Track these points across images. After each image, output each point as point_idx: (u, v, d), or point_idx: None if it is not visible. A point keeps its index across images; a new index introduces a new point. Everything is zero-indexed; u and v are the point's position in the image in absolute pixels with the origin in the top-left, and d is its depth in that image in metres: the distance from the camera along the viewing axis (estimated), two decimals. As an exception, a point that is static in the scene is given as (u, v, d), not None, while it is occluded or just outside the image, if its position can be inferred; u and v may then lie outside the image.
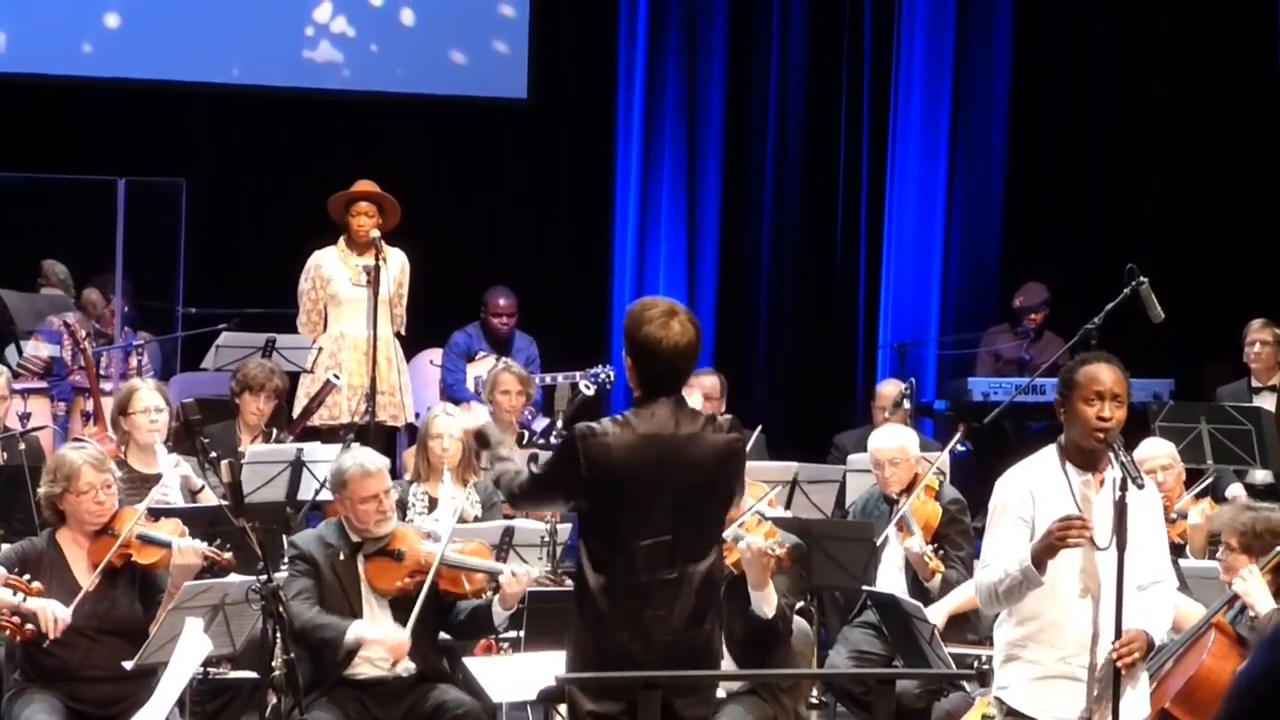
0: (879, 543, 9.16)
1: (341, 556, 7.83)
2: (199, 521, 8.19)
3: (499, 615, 7.86)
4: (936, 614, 8.49)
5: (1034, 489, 6.17)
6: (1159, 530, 6.34)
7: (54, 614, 7.34)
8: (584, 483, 6.05)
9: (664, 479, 6.05)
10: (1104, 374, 6.16)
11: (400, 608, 7.80)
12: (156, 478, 9.01)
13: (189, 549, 7.54)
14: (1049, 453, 6.25)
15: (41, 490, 7.69)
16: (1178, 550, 8.40)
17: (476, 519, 9.37)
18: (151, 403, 9.13)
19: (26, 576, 7.41)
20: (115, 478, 7.73)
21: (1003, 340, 14.04)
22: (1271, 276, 14.06)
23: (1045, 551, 6.03)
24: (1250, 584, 7.06)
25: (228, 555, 7.62)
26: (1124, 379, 6.19)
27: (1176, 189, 15.11)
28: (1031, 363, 13.60)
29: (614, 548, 6.04)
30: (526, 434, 11.12)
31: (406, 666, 7.81)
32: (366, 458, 7.98)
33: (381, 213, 11.57)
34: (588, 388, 11.27)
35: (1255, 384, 11.80)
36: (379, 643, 7.70)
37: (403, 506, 9.43)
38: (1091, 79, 15.32)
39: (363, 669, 7.77)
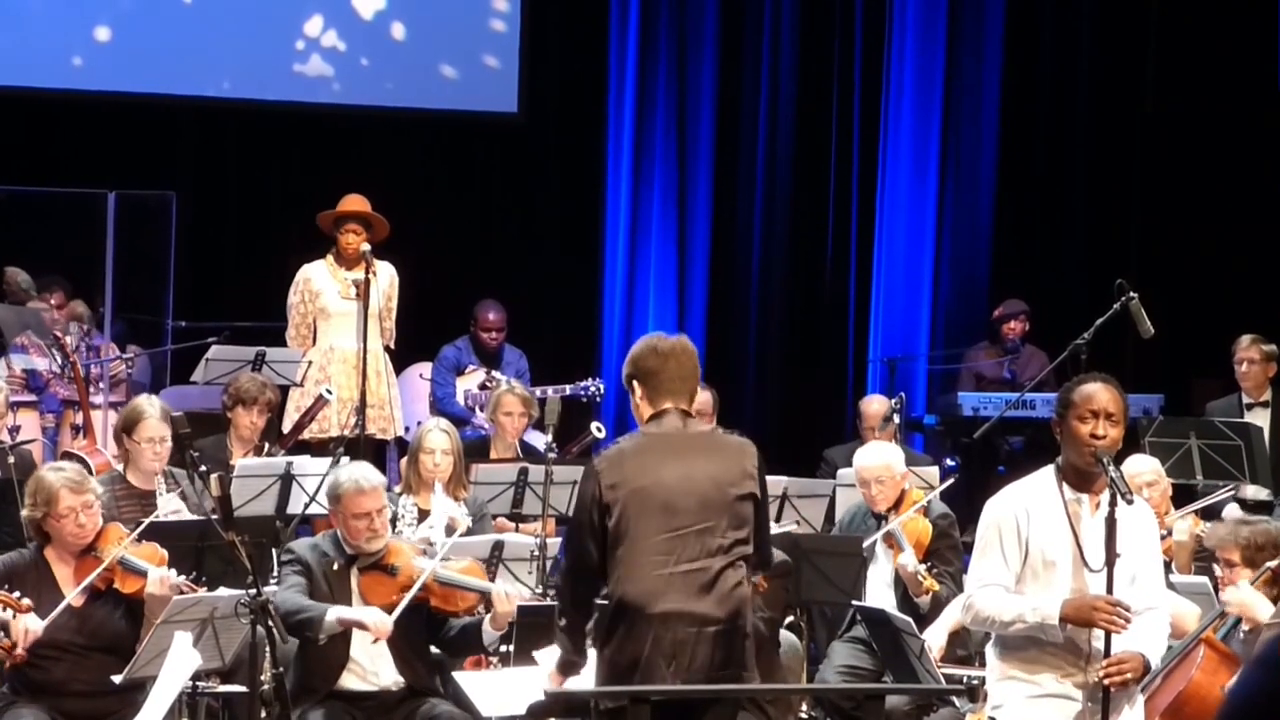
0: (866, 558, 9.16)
1: (335, 567, 7.81)
2: (189, 535, 8.18)
3: (489, 635, 7.85)
4: (936, 634, 8.48)
5: (1029, 508, 6.15)
6: (1154, 550, 6.32)
7: (25, 626, 7.34)
8: (608, 491, 6.12)
9: (684, 475, 6.13)
10: (1100, 393, 6.14)
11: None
12: (154, 495, 8.99)
13: (163, 580, 7.51)
14: (1046, 473, 6.24)
15: (24, 513, 7.69)
16: (1164, 567, 8.41)
17: (469, 530, 9.38)
18: (157, 433, 8.94)
19: (17, 594, 7.41)
20: (97, 495, 7.67)
21: (983, 358, 14.05)
22: (1261, 292, 14.08)
23: (1078, 622, 6.03)
24: (1244, 595, 7.06)
25: (202, 589, 7.59)
26: (1121, 399, 6.17)
27: (1165, 206, 15.15)
28: (1015, 379, 13.61)
29: (638, 544, 6.10)
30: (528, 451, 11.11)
31: (396, 681, 7.81)
32: (363, 474, 7.88)
33: (369, 228, 11.55)
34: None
35: (1247, 400, 11.81)
36: (359, 621, 7.66)
37: (392, 518, 9.42)
38: (1080, 97, 15.36)
39: (351, 682, 7.76)
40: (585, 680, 6.31)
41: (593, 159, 15.08)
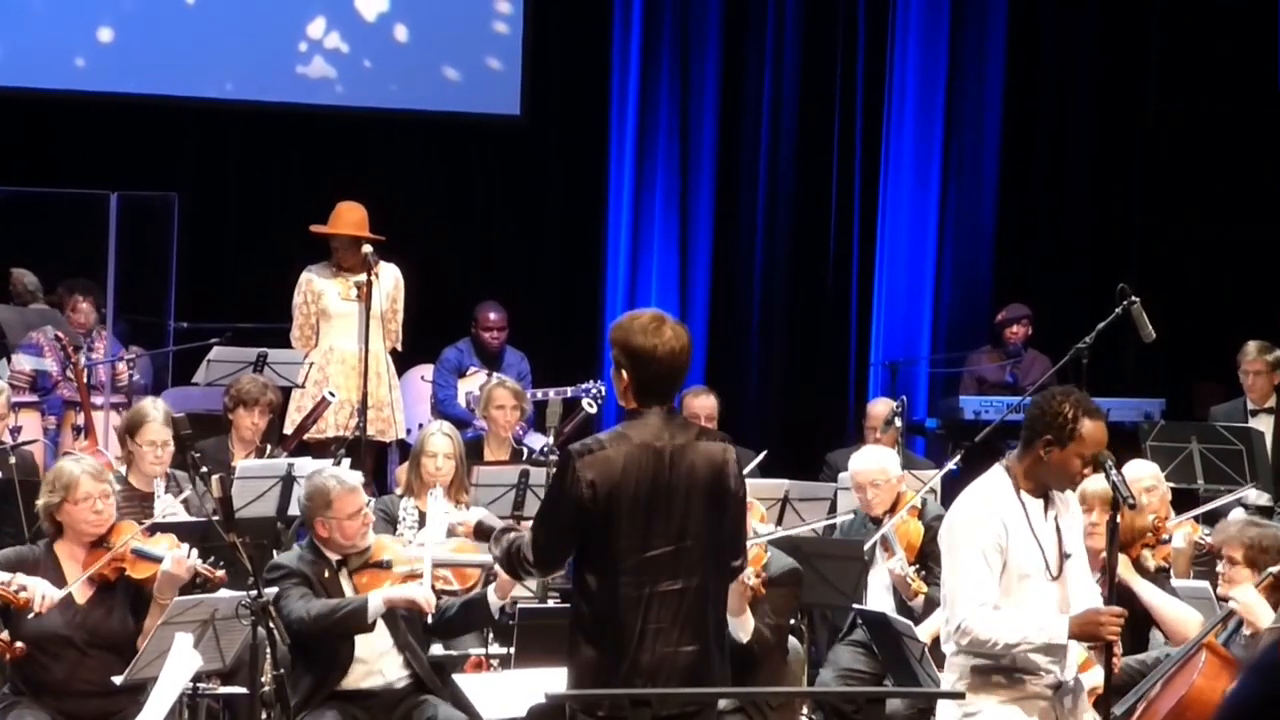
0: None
1: (326, 574, 7.83)
2: (190, 536, 8.18)
3: (495, 604, 7.82)
4: (922, 634, 8.46)
5: (1005, 521, 6.12)
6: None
7: (44, 592, 7.35)
8: (588, 502, 5.99)
9: (665, 488, 6.02)
10: (1104, 435, 6.13)
11: (391, 613, 7.80)
12: (155, 497, 9.01)
13: (180, 560, 7.53)
14: (999, 479, 6.20)
15: (40, 500, 7.71)
16: (1164, 573, 8.40)
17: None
18: (159, 436, 9.02)
19: (15, 588, 7.42)
20: (114, 489, 7.74)
21: (985, 362, 14.04)
22: (1263, 295, 14.08)
23: (1085, 638, 6.06)
24: (1249, 597, 7.07)
25: (221, 573, 7.61)
26: None
27: (1167, 210, 15.15)
28: (1017, 384, 13.60)
29: (616, 561, 6.00)
30: (525, 451, 11.11)
31: (401, 675, 7.82)
32: (341, 474, 7.98)
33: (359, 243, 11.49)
34: (590, 405, 11.26)
35: (1251, 406, 11.81)
36: (408, 598, 7.67)
37: (393, 521, 9.43)
38: (1082, 101, 15.37)
39: (358, 680, 7.77)
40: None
41: (595, 161, 15.08)
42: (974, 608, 6.09)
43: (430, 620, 7.90)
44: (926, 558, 9.12)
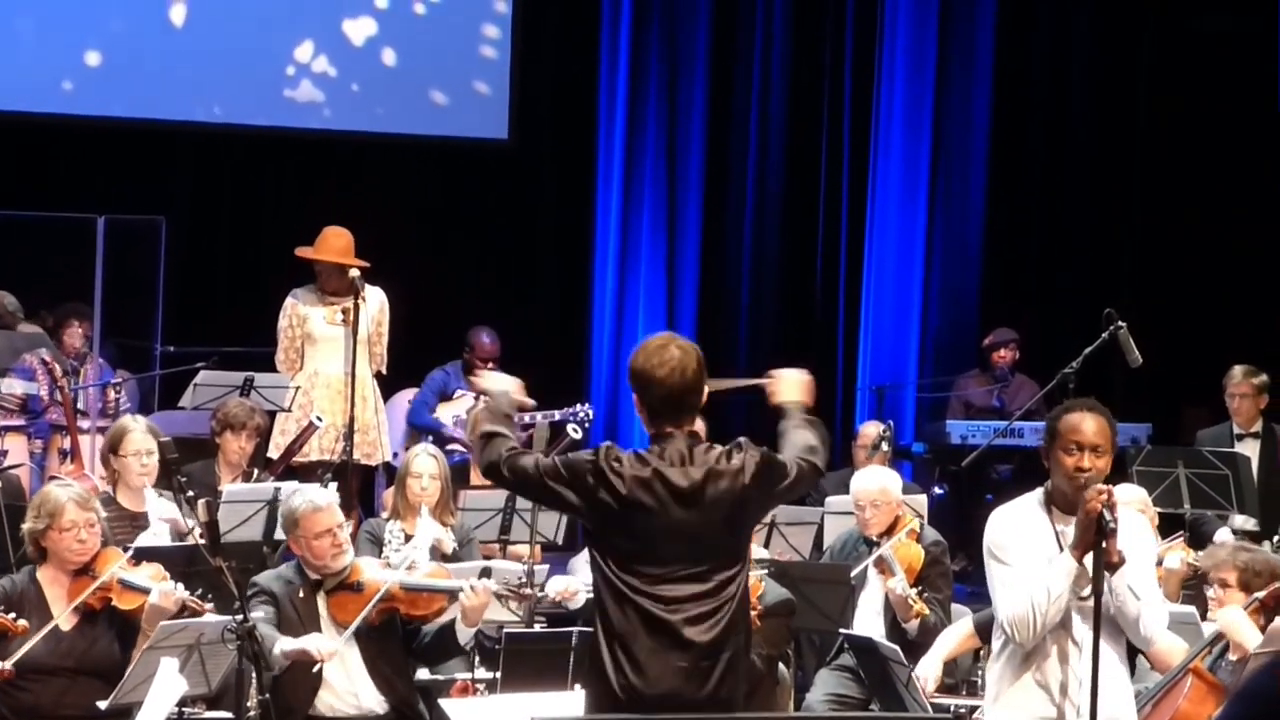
0: (856, 585, 9.15)
1: (301, 594, 7.84)
2: (176, 561, 8.17)
3: (463, 634, 7.85)
4: (931, 663, 8.40)
5: (1020, 532, 6.14)
6: (1144, 556, 6.27)
7: None
8: (585, 496, 6.00)
9: (681, 513, 6.01)
10: (1085, 424, 6.07)
11: (364, 638, 7.80)
12: (144, 516, 9.00)
13: (167, 593, 7.53)
14: (1033, 498, 6.22)
15: (26, 525, 7.72)
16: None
17: (455, 554, 9.38)
18: (143, 446, 9.03)
19: (13, 615, 7.42)
20: (100, 518, 7.73)
21: (973, 386, 14.04)
22: (1250, 321, 14.10)
23: (1086, 536, 5.94)
24: (1236, 617, 7.07)
25: (209, 607, 7.61)
26: (1107, 428, 6.09)
27: (1156, 234, 15.17)
28: (1004, 408, 13.60)
29: (633, 584, 6.01)
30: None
31: (380, 701, 7.81)
32: (314, 494, 8.02)
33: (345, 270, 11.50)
34: (575, 431, 11.25)
35: (1238, 430, 11.82)
36: (303, 650, 7.65)
37: (379, 543, 9.44)
38: (1071, 123, 15.39)
39: (331, 705, 7.77)
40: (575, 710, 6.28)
41: (583, 185, 15.10)
42: (1001, 602, 6.08)
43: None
44: (924, 582, 9.11)
